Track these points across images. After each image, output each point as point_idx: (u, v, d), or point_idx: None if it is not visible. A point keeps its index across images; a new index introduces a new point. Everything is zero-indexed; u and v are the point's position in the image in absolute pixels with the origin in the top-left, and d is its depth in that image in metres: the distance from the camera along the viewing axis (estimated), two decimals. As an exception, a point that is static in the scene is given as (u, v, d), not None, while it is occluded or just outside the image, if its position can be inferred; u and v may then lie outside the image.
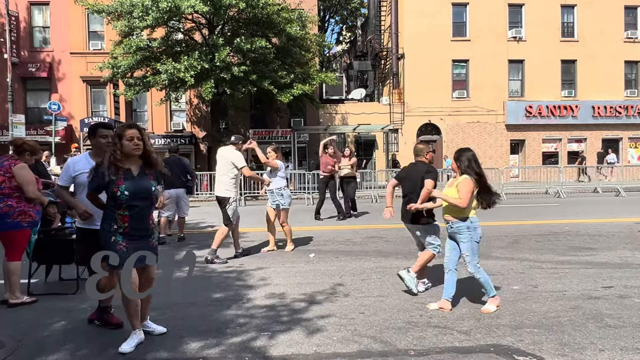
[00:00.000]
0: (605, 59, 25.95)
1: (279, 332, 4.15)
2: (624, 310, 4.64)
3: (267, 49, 17.83)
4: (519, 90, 26.28)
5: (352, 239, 8.91)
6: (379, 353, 3.71)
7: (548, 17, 25.81)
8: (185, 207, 9.07)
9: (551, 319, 4.42)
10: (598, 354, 3.66)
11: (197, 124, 24.97)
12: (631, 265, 6.54)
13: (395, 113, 25.48)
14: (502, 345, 3.84)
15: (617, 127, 26.48)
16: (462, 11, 25.77)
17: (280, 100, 19.28)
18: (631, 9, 26.42)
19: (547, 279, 5.85)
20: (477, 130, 25.90)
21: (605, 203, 15.17)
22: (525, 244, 8.17)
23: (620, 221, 10.75)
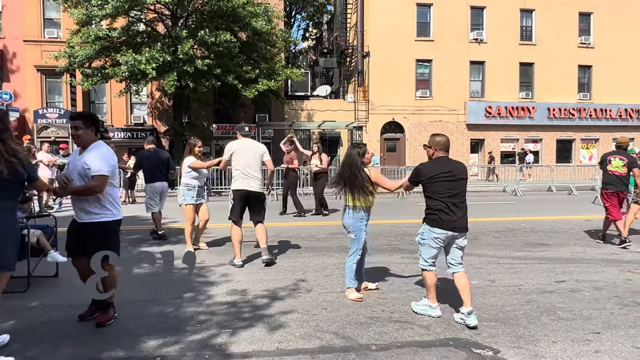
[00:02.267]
0: (560, 62, 27.00)
1: (241, 329, 4.10)
2: (575, 304, 4.84)
3: (232, 43, 17.58)
4: (480, 90, 26.99)
5: (316, 235, 8.91)
6: (341, 348, 3.72)
7: (508, 20, 26.61)
8: (163, 203, 8.80)
9: (507, 313, 4.56)
10: (551, 345, 3.80)
11: (158, 117, 24.38)
12: (582, 260, 6.83)
13: (360, 111, 25.67)
14: (461, 339, 3.93)
15: (570, 128, 27.63)
16: (426, 12, 26.21)
17: (245, 95, 19.08)
18: (585, 16, 27.58)
19: (504, 274, 6.03)
20: (439, 129, 26.37)
21: (558, 201, 15.81)
22: (483, 240, 8.40)
23: (572, 218, 11.22)
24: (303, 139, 26.71)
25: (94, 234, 4.07)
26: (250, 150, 6.44)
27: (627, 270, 6.21)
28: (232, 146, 6.52)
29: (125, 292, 5.15)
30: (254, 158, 6.42)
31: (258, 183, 6.42)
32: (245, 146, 6.48)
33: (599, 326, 4.22)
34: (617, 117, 27.74)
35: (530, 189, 19.77)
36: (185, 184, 7.27)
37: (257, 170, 6.42)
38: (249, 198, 6.42)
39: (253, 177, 6.37)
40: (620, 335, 4.00)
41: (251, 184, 6.36)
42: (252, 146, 6.51)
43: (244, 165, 6.36)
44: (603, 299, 4.98)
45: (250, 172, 6.36)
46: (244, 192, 6.38)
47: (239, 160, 6.40)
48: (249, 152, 6.42)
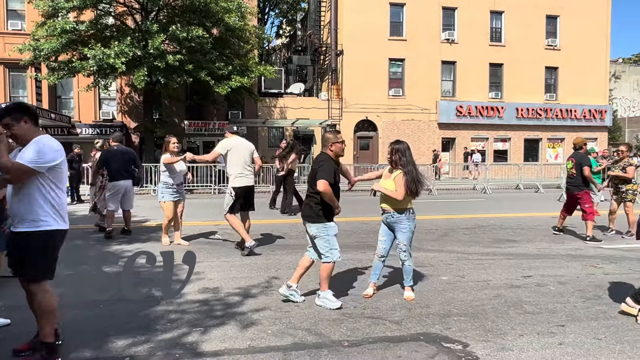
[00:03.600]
0: (528, 63, 27.70)
1: (212, 327, 4.06)
2: (541, 298, 4.98)
3: (204, 39, 17.35)
4: (451, 90, 27.44)
5: (289, 232, 8.90)
6: (313, 345, 3.73)
7: (478, 21, 27.13)
8: (132, 200, 8.62)
9: (476, 307, 4.66)
10: (518, 338, 3.90)
11: (128, 113, 23.86)
12: (548, 256, 7.04)
13: (334, 108, 25.75)
14: (431, 334, 3.99)
15: (537, 128, 28.39)
16: (399, 11, 26.45)
17: (218, 91, 18.86)
18: (552, 18, 28.36)
19: (473, 269, 6.16)
20: (411, 127, 26.76)
21: (526, 199, 16.23)
22: (454, 236, 8.56)
23: (539, 215, 11.55)
24: (276, 136, 26.63)
25: (29, 246, 3.30)
26: (244, 147, 6.88)
27: (590, 265, 6.43)
28: (229, 143, 6.84)
29: (93, 292, 5.05)
30: (248, 155, 6.90)
31: (253, 178, 6.99)
32: (240, 144, 6.87)
33: (563, 319, 4.36)
34: (582, 117, 28.66)
35: (499, 187, 20.23)
36: (163, 182, 7.45)
37: (251, 165, 6.92)
38: (248, 192, 6.93)
39: (250, 173, 6.90)
40: (583, 328, 4.14)
41: (250, 179, 6.90)
42: (244, 144, 6.93)
43: (242, 162, 6.79)
44: (567, 293, 5.15)
45: (248, 168, 6.85)
46: (246, 187, 6.85)
47: (237, 157, 6.79)
48: (244, 149, 6.86)
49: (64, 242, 3.53)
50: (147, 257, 6.55)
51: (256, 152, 7.12)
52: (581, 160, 8.34)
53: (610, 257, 6.95)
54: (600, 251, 7.41)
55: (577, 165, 8.36)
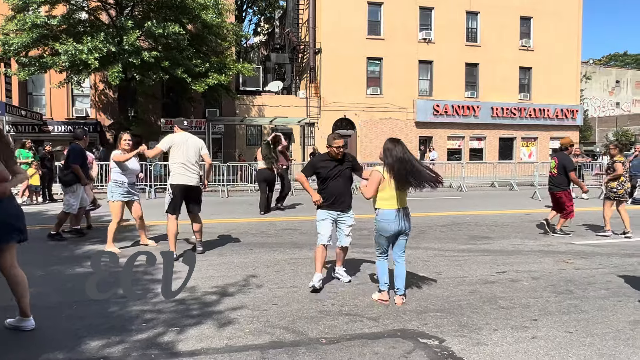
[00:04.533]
0: (503, 64, 28.22)
1: (189, 327, 4.02)
2: (515, 293, 5.08)
3: (180, 35, 17.12)
4: (428, 89, 27.74)
5: (267, 231, 8.86)
6: (291, 343, 3.72)
7: (455, 21, 27.50)
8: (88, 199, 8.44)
9: (452, 303, 4.72)
10: (492, 333, 3.98)
11: (102, 110, 23.38)
12: (522, 252, 7.19)
13: (312, 107, 25.75)
14: (408, 330, 4.03)
15: (512, 127, 28.96)
16: (377, 10, 26.60)
17: (195, 89, 18.64)
18: (526, 20, 28.94)
19: (449, 266, 6.25)
20: (389, 126, 26.96)
21: (500, 196, 16.54)
22: (431, 234, 8.66)
23: (513, 212, 11.79)
24: (255, 134, 26.49)
25: None
26: (189, 144, 6.47)
27: (562, 261, 6.60)
28: (172, 139, 6.49)
29: (66, 292, 4.94)
30: (193, 152, 6.48)
31: (197, 177, 6.51)
32: (185, 140, 6.48)
33: (536, 313, 4.45)
34: (554, 116, 29.36)
35: (475, 185, 20.56)
36: (113, 180, 7.04)
37: (196, 164, 6.51)
38: (189, 192, 6.50)
39: (193, 171, 6.45)
40: (555, 321, 4.25)
41: (191, 178, 6.43)
42: (191, 140, 6.52)
43: (184, 160, 6.39)
44: (540, 288, 5.27)
45: (190, 166, 6.41)
46: (184, 186, 6.42)
47: (179, 153, 6.41)
48: (189, 146, 6.45)
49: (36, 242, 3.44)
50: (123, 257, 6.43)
51: (205, 150, 6.68)
52: (565, 163, 8.52)
53: (581, 253, 7.14)
54: (572, 247, 7.60)
55: (560, 166, 8.55)
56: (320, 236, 5.11)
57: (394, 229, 4.58)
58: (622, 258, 6.81)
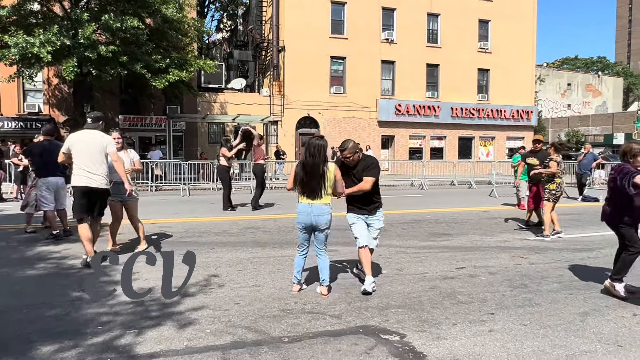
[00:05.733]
0: (462, 65, 28.95)
1: (147, 329, 3.91)
2: (473, 288, 5.22)
3: (139, 30, 16.64)
4: (390, 89, 28.12)
5: (229, 230, 8.75)
6: (253, 342, 3.69)
7: (416, 23, 27.98)
8: (65, 199, 8.04)
9: (413, 299, 4.80)
10: (451, 327, 4.07)
11: (57, 106, 22.46)
12: (479, 248, 7.40)
13: (276, 105, 25.61)
14: (370, 326, 4.07)
15: (470, 127, 29.76)
16: (341, 10, 26.73)
17: (155, 85, 18.17)
18: (484, 23, 29.79)
19: (410, 262, 6.35)
20: (352, 125, 27.16)
21: (460, 194, 16.97)
22: (392, 231, 8.77)
23: (472, 210, 12.12)
24: (217, 132, 26.11)
25: None
26: (91, 143, 5.90)
27: (517, 256, 6.83)
28: (70, 139, 5.96)
29: (16, 295, 4.72)
30: (96, 151, 5.89)
31: (101, 179, 5.93)
32: (85, 139, 5.93)
33: (493, 307, 4.59)
34: (510, 117, 30.37)
35: (435, 183, 21.01)
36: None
37: (99, 165, 5.90)
38: (91, 195, 5.95)
39: (94, 173, 5.87)
40: (511, 315, 4.39)
41: (93, 180, 5.87)
42: (92, 139, 5.92)
43: (84, 160, 5.85)
44: (497, 283, 5.43)
45: (90, 168, 5.85)
46: (84, 188, 5.88)
47: (78, 154, 5.86)
48: (89, 145, 5.88)
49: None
50: (75, 258, 6.20)
51: (112, 147, 5.97)
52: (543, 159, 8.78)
53: (535, 248, 7.41)
54: (527, 242, 7.89)
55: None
56: (356, 240, 5.15)
57: (304, 222, 4.77)
58: (573, 253, 7.12)
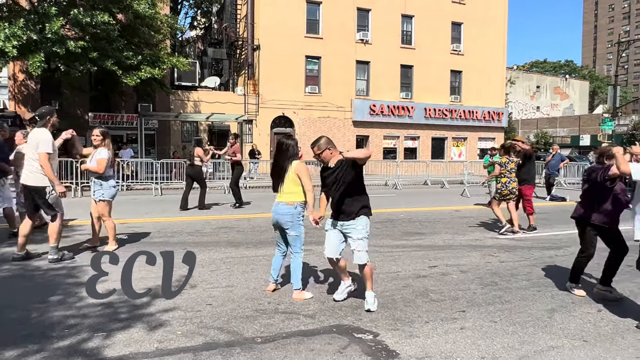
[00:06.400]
0: (435, 66, 29.35)
1: (116, 331, 3.82)
2: (445, 286, 5.30)
3: (110, 25, 16.24)
4: (365, 89, 28.28)
5: (202, 230, 8.64)
6: (225, 344, 3.64)
7: (391, 24, 28.21)
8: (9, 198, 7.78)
9: (386, 298, 4.84)
10: (424, 325, 4.11)
11: (23, 103, 21.74)
12: (452, 246, 7.51)
13: (250, 104, 25.42)
14: (344, 325, 4.08)
15: (443, 127, 30.20)
16: (316, 9, 26.73)
17: (126, 82, 17.79)
18: (457, 25, 30.26)
19: (384, 261, 6.40)
20: (327, 125, 27.20)
21: (432, 194, 17.20)
22: (367, 231, 8.81)
23: (444, 209, 12.29)
24: (190, 131, 25.76)
25: None
26: (30, 140, 5.99)
27: (488, 254, 6.96)
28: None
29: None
30: (30, 149, 5.91)
31: (32, 176, 5.86)
32: (29, 137, 6.06)
33: (464, 305, 4.66)
34: (482, 118, 30.95)
35: (409, 183, 21.24)
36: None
37: (33, 162, 5.84)
38: (28, 191, 5.98)
39: (29, 170, 5.88)
40: (481, 312, 4.47)
41: (27, 177, 5.90)
42: (32, 136, 5.97)
43: (26, 158, 5.96)
44: (468, 281, 5.52)
45: (27, 165, 5.91)
46: (23, 185, 6.02)
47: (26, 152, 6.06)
48: (29, 142, 5.99)
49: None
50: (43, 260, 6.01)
51: (42, 147, 5.75)
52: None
53: (505, 247, 7.57)
54: (497, 241, 8.05)
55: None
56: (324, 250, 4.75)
57: (272, 220, 4.83)
58: (541, 251, 7.30)
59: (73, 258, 6.13)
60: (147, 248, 6.89)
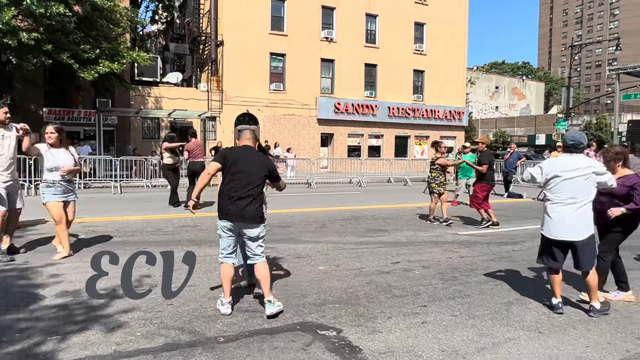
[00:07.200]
0: (399, 66, 29.76)
1: (72, 334, 3.68)
2: (407, 282, 5.38)
3: (66, 17, 15.62)
4: (330, 87, 28.36)
5: (164, 228, 8.45)
6: (187, 344, 3.58)
7: (355, 22, 28.40)
8: None
9: (350, 294, 4.87)
10: (387, 320, 4.16)
11: (-30, 96, 20.61)
12: (414, 243, 7.64)
13: (214, 100, 25.04)
14: (308, 322, 4.08)
15: (407, 126, 30.67)
16: (281, 6, 26.58)
17: (83, 77, 17.16)
18: (419, 25, 30.77)
19: (348, 258, 6.44)
20: (292, 122, 27.14)
21: (396, 191, 17.46)
22: (331, 227, 8.86)
23: (407, 206, 12.49)
24: (152, 127, 25.14)
25: None
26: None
27: (449, 250, 7.12)
28: None
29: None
30: None
31: None
32: None
33: (426, 300, 4.75)
34: (444, 117, 31.63)
35: (373, 180, 21.47)
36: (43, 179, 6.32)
37: None
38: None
39: None
40: (442, 306, 4.56)
41: None
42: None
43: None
44: (430, 276, 5.63)
45: None
46: None
47: None
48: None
49: None
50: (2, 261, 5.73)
51: None
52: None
53: (465, 242, 7.77)
54: (457, 237, 8.25)
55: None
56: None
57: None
58: (499, 246, 7.53)
59: (13, 260, 5.84)
60: (106, 248, 6.68)
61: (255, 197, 4.15)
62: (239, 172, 4.15)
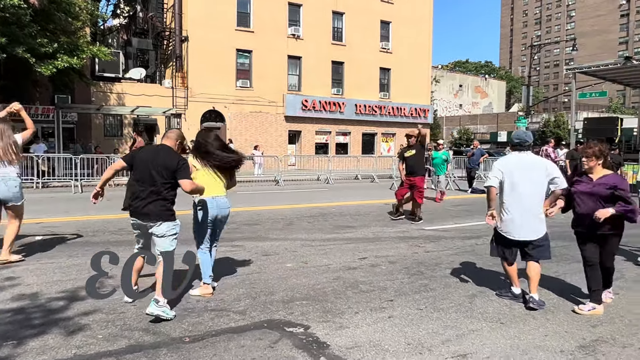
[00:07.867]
0: (365, 63, 29.97)
1: (29, 338, 3.54)
2: (374, 277, 5.44)
3: (21, 9, 14.98)
4: (297, 84, 28.30)
5: (127, 227, 8.20)
6: (151, 345, 3.50)
7: (322, 20, 28.40)
8: None
9: (318, 291, 4.88)
10: (354, 316, 4.19)
11: None
12: (381, 238, 7.72)
13: (179, 97, 24.56)
14: (275, 320, 4.06)
15: (373, 123, 30.96)
16: (247, 2, 26.28)
17: (40, 72, 16.51)
18: (385, 24, 31.06)
19: (315, 255, 6.45)
20: (259, 120, 26.94)
21: (363, 188, 17.60)
22: (298, 225, 8.86)
23: (374, 203, 12.62)
24: (114, 124, 24.46)
25: None
26: None
27: (415, 245, 7.24)
28: None
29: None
30: None
31: None
32: None
33: (392, 294, 4.82)
34: (409, 115, 32.07)
35: (341, 177, 21.58)
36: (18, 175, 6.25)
37: None
38: None
39: None
40: (408, 301, 4.63)
41: None
42: None
43: None
44: (396, 271, 5.71)
45: None
46: None
47: None
48: None
49: None
50: None
51: None
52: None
53: (430, 237, 7.91)
54: (423, 232, 8.39)
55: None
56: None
57: (212, 214, 4.67)
58: (463, 240, 7.70)
59: None
60: (64, 250, 6.46)
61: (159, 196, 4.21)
62: (142, 172, 4.26)
